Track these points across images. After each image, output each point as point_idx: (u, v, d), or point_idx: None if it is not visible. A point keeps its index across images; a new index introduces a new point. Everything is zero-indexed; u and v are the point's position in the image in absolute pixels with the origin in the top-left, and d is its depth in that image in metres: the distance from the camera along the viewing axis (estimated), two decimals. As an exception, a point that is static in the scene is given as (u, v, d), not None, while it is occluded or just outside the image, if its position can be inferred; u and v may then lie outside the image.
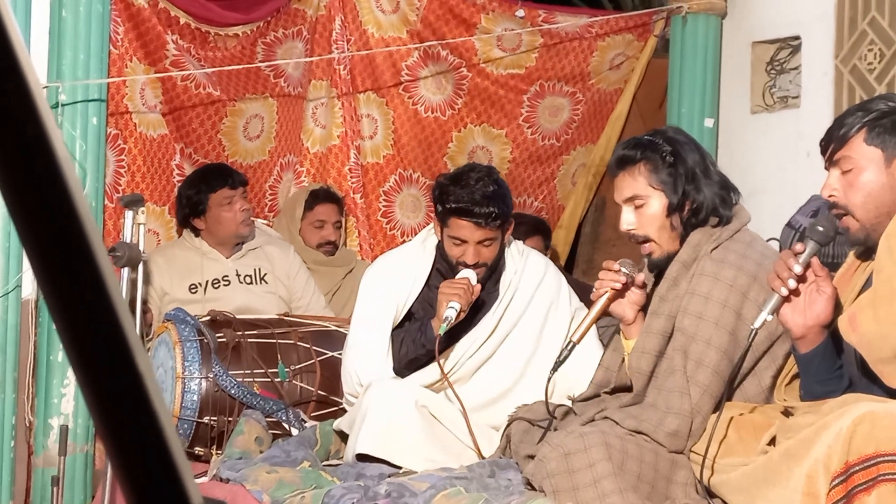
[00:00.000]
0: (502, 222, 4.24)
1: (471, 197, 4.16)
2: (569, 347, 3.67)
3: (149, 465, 0.67)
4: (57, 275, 0.63)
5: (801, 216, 4.55)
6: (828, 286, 3.12)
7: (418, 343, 4.23)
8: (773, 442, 3.10)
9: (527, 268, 4.39)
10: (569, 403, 3.89)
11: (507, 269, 4.38)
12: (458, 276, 4.21)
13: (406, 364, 4.24)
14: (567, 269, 6.27)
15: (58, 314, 0.64)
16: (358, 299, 4.44)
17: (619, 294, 3.64)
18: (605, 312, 3.68)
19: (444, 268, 4.34)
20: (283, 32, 5.93)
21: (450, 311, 4.09)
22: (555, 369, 3.73)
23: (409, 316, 4.37)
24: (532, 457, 3.57)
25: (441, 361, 4.16)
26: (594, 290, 3.69)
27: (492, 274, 4.31)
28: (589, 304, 4.01)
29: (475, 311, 4.28)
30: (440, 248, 4.36)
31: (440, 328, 4.09)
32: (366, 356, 4.25)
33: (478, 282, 4.22)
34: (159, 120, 5.67)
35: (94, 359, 0.64)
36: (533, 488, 3.44)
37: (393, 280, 4.35)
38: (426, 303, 4.36)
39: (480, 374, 4.31)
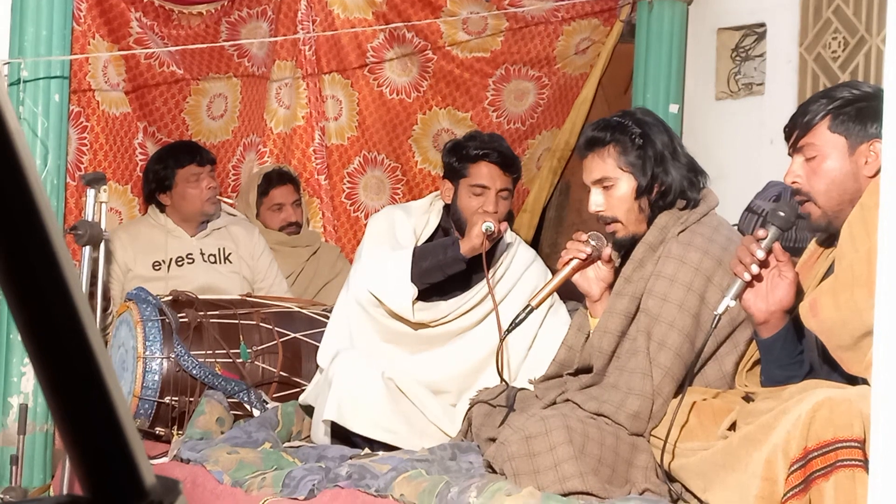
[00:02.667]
0: (518, 174, 4.50)
1: (492, 143, 4.39)
2: (526, 311, 3.71)
3: (101, 445, 0.66)
4: (8, 252, 0.62)
5: (762, 201, 4.57)
6: (790, 271, 3.14)
7: (444, 257, 4.28)
8: (733, 427, 3.11)
9: (517, 253, 4.47)
10: (530, 387, 3.90)
11: (499, 250, 4.44)
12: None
13: (424, 278, 4.27)
14: (530, 252, 6.27)
15: (9, 293, 0.63)
16: (370, 231, 4.52)
17: (585, 265, 3.65)
18: (569, 284, 3.70)
19: (449, 228, 4.45)
20: (248, 12, 5.89)
21: (486, 225, 4.20)
22: (509, 331, 3.80)
23: None
24: (493, 439, 3.58)
25: (486, 265, 4.25)
26: (560, 258, 3.71)
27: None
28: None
29: (467, 276, 4.32)
30: (446, 211, 4.47)
31: (485, 226, 4.18)
32: (386, 275, 4.28)
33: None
34: (122, 98, 5.64)
35: (46, 337, 0.63)
36: (494, 471, 3.45)
37: (407, 219, 4.42)
38: None
39: (456, 342, 4.34)
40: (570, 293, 4.14)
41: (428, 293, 4.32)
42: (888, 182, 1.67)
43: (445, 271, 4.27)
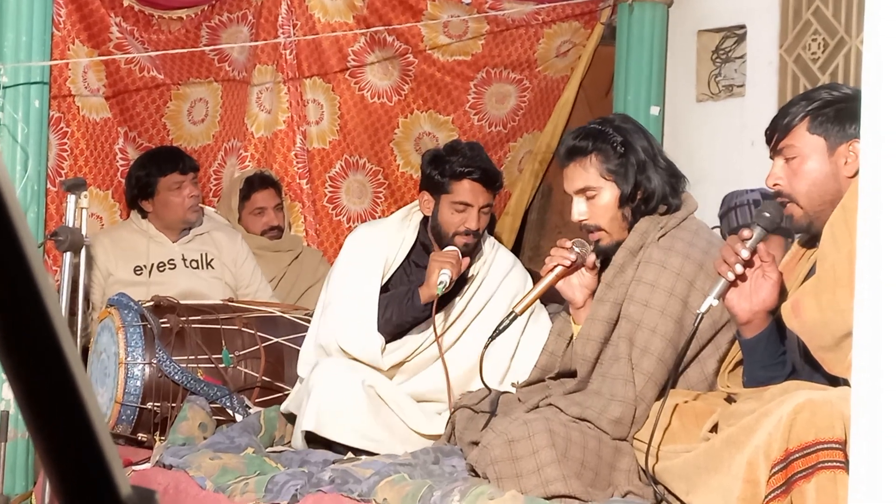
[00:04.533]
0: (500, 187, 4.49)
1: (475, 160, 4.32)
2: (510, 317, 3.68)
3: (76, 456, 0.65)
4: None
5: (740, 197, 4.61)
6: (773, 272, 3.15)
7: (405, 308, 4.27)
8: (715, 429, 3.11)
9: (496, 260, 4.46)
10: (513, 390, 3.90)
11: (477, 259, 4.43)
12: (445, 250, 4.27)
13: (389, 329, 4.26)
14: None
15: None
16: (338, 267, 4.47)
17: (569, 272, 3.65)
18: (552, 288, 3.69)
19: (427, 242, 4.41)
20: (228, 16, 5.89)
21: (443, 275, 4.17)
22: (493, 337, 3.75)
23: (385, 289, 4.40)
24: (476, 443, 3.58)
25: (435, 323, 4.23)
26: (544, 265, 3.71)
27: (475, 247, 4.36)
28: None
29: (445, 295, 4.33)
30: (423, 223, 4.44)
31: (438, 288, 4.16)
32: (354, 327, 4.27)
33: (464, 254, 4.32)
34: (102, 103, 5.63)
35: (20, 348, 0.63)
36: (477, 475, 3.45)
37: (376, 249, 4.40)
38: (406, 276, 4.41)
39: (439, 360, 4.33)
40: (550, 296, 4.14)
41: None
42: (866, 183, 1.68)
43: (410, 321, 4.29)
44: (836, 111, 3.12)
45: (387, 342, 4.28)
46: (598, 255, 3.67)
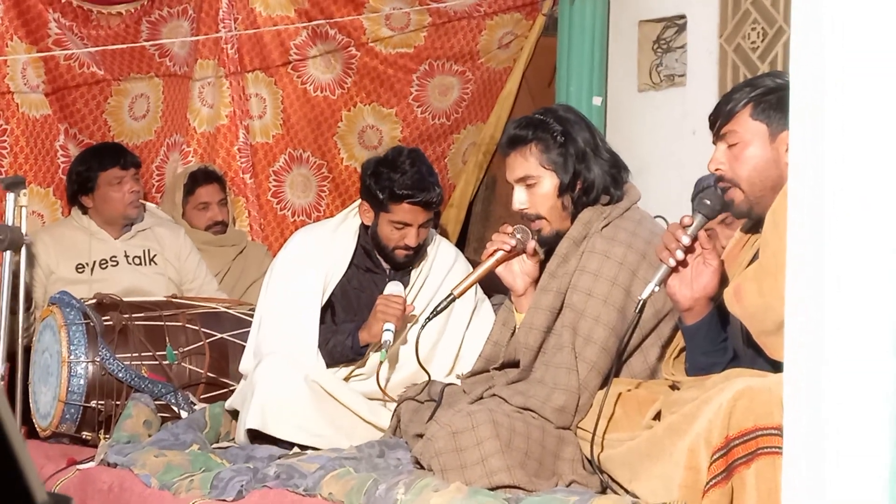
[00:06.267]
0: (441, 204, 4.44)
1: (414, 181, 4.28)
2: (448, 299, 3.74)
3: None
4: None
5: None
6: (714, 259, 3.18)
7: (346, 348, 4.28)
8: (658, 417, 3.13)
9: (437, 256, 4.46)
10: (458, 382, 3.91)
11: (419, 256, 4.43)
12: (388, 292, 4.26)
13: (329, 358, 4.27)
14: (458, 247, 6.28)
15: None
16: (277, 276, 4.44)
17: (509, 257, 3.67)
18: (495, 277, 3.71)
19: (369, 247, 4.40)
20: (168, 11, 5.86)
21: (387, 334, 4.17)
22: (430, 318, 3.81)
23: (329, 302, 4.40)
24: (421, 436, 3.58)
25: (381, 384, 4.22)
26: (485, 250, 3.72)
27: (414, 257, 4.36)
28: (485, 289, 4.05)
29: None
30: (363, 228, 4.43)
31: (381, 354, 4.16)
32: (295, 342, 4.25)
33: (404, 265, 4.35)
34: (42, 100, 5.58)
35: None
36: (422, 467, 3.45)
37: (316, 258, 4.38)
38: (349, 283, 4.40)
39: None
40: (494, 286, 4.15)
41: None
42: (795, 171, 1.70)
43: (351, 358, 4.30)
44: (778, 98, 3.14)
45: (328, 366, 4.29)
46: (542, 246, 3.69)
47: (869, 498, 1.64)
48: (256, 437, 4.12)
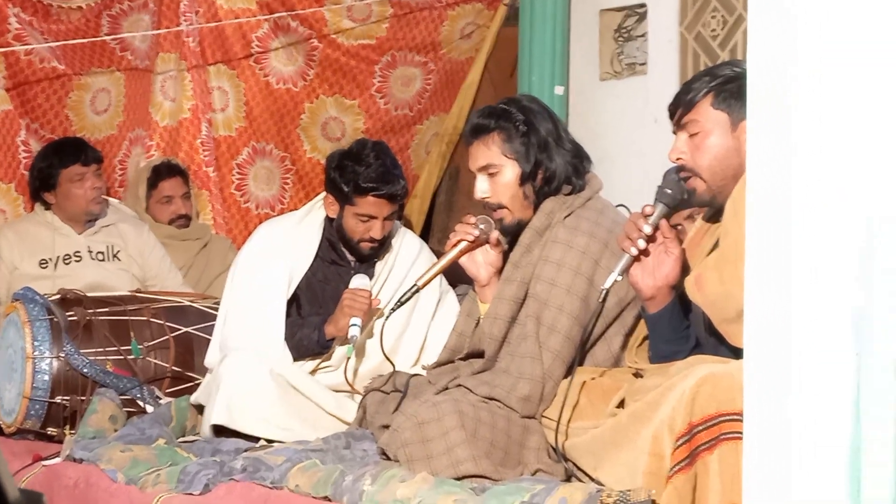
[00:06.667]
0: (405, 196, 4.44)
1: (379, 174, 4.29)
2: (412, 290, 3.77)
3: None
4: None
5: None
6: (675, 247, 3.19)
7: (312, 341, 4.28)
8: (622, 405, 3.15)
9: (402, 248, 4.46)
10: (424, 373, 3.92)
11: (383, 248, 4.44)
12: (354, 286, 4.25)
13: (296, 352, 4.27)
14: (422, 237, 6.28)
15: None
16: (242, 269, 4.43)
17: (473, 247, 3.69)
18: (459, 268, 3.72)
19: (334, 239, 4.40)
20: (129, 4, 5.83)
21: (353, 328, 4.17)
22: (394, 309, 3.86)
23: (295, 296, 4.40)
24: (387, 427, 3.59)
25: (348, 377, 4.23)
26: (448, 240, 3.73)
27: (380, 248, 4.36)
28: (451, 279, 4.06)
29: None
30: (328, 221, 4.43)
31: (348, 349, 4.16)
32: (261, 336, 4.25)
33: (369, 257, 4.36)
34: (3, 95, 5.57)
35: None
36: (388, 458, 3.46)
37: (281, 251, 4.37)
38: (314, 276, 4.39)
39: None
40: (459, 277, 4.16)
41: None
42: (753, 161, 1.71)
43: (317, 351, 4.30)
44: (738, 87, 3.15)
45: (294, 359, 4.29)
46: (504, 235, 3.70)
47: (829, 481, 1.66)
48: (221, 431, 4.12)
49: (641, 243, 3.18)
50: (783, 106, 1.72)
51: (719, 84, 3.19)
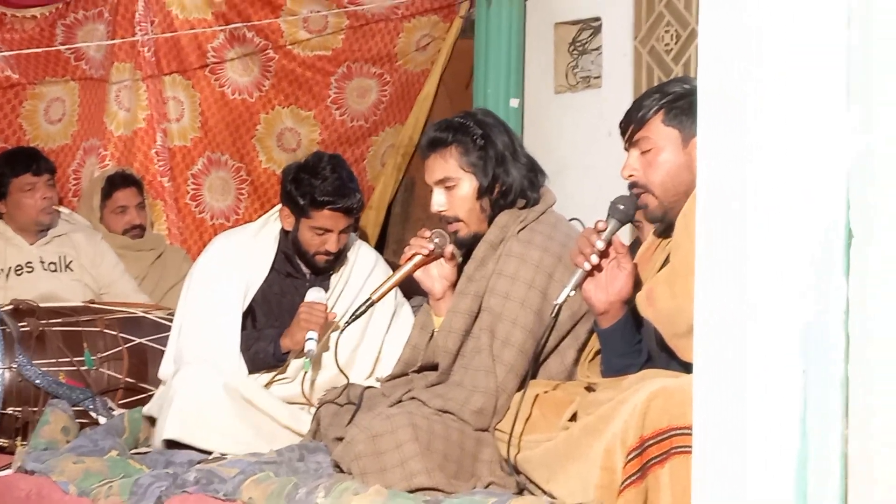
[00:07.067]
0: (362, 210, 4.45)
1: (335, 187, 4.27)
2: (367, 303, 3.78)
3: None
4: None
5: None
6: (628, 263, 3.21)
7: (268, 354, 4.27)
8: (574, 418, 3.16)
9: (357, 261, 4.46)
10: (378, 385, 3.92)
11: (338, 261, 4.44)
12: (310, 299, 4.24)
13: (251, 365, 4.26)
14: (377, 249, 6.29)
15: None
16: (197, 281, 4.41)
17: (428, 261, 3.69)
18: (413, 281, 3.73)
19: (290, 252, 4.39)
20: (84, 14, 5.82)
21: (310, 343, 4.16)
22: (349, 322, 3.86)
23: (251, 308, 4.38)
24: (341, 439, 3.58)
25: (305, 391, 4.23)
26: (403, 254, 3.74)
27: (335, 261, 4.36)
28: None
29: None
30: (283, 233, 4.42)
31: (305, 364, 4.15)
32: (216, 348, 4.23)
33: (324, 270, 4.36)
34: (-44, 104, 5.54)
35: None
36: (342, 471, 3.46)
37: (237, 263, 4.36)
38: (269, 289, 4.38)
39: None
40: (413, 289, 4.17)
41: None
42: (704, 176, 1.73)
43: (272, 364, 4.29)
44: (689, 104, 3.18)
45: (249, 372, 4.29)
46: (459, 248, 3.71)
47: (777, 496, 1.68)
48: (173, 443, 4.11)
49: (594, 258, 3.19)
50: (735, 119, 1.74)
51: (670, 101, 3.21)
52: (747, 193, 1.73)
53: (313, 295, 4.28)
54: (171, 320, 4.67)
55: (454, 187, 3.66)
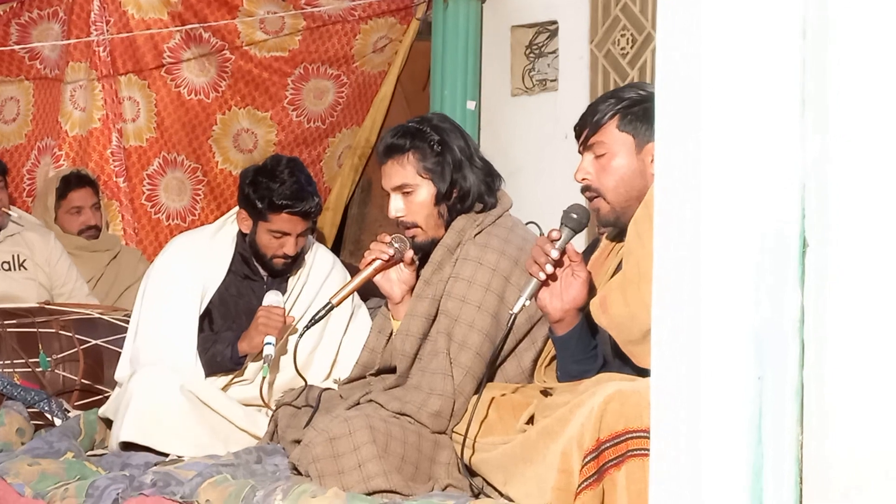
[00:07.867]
0: (319, 213, 4.45)
1: (293, 191, 4.27)
2: (326, 308, 3.77)
3: None
4: None
5: None
6: (582, 271, 3.22)
7: (225, 358, 4.27)
8: (531, 421, 3.18)
9: (315, 264, 4.46)
10: (335, 387, 3.93)
11: (295, 265, 4.44)
12: (268, 303, 4.24)
13: (208, 367, 4.26)
14: (334, 250, 6.29)
15: None
16: (154, 283, 4.39)
17: (387, 266, 3.70)
18: (371, 284, 3.74)
19: (247, 254, 4.39)
20: (39, 13, 5.79)
21: (268, 347, 4.16)
22: (308, 327, 3.85)
23: (208, 310, 4.38)
24: (298, 442, 3.59)
25: (264, 395, 4.22)
26: (363, 258, 3.75)
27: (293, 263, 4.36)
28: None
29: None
30: (241, 235, 4.41)
31: (263, 369, 4.15)
32: (173, 350, 4.22)
33: (282, 272, 4.36)
34: None
35: None
36: (299, 473, 3.46)
37: (194, 265, 4.35)
38: (227, 291, 4.37)
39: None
40: (370, 292, 4.18)
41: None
42: (661, 180, 1.74)
43: (229, 367, 4.29)
44: (644, 110, 3.20)
45: (206, 375, 4.28)
46: (416, 252, 3.72)
47: (733, 500, 1.70)
48: (130, 445, 4.10)
49: (549, 268, 3.20)
50: (689, 124, 1.75)
51: (625, 107, 3.23)
52: (701, 199, 1.74)
53: (271, 298, 4.28)
54: (126, 322, 4.66)
55: (412, 193, 3.67)
